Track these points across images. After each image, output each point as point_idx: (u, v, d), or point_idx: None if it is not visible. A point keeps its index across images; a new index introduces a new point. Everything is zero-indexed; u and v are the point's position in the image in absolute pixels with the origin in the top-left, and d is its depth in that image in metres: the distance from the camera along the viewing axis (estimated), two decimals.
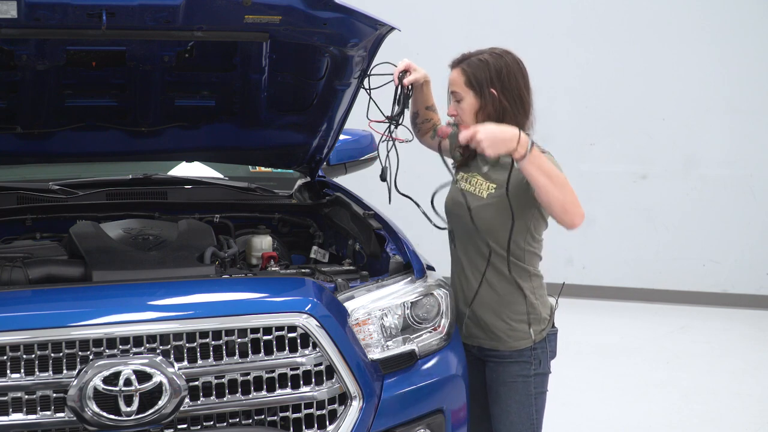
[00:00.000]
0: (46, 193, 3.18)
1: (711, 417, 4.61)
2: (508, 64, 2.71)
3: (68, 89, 2.96)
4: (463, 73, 2.71)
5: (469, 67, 2.70)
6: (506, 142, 2.47)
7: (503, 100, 2.68)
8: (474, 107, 2.70)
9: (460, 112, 2.72)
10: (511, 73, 2.71)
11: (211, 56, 2.98)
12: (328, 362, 2.37)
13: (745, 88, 6.78)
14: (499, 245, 2.69)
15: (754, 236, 6.89)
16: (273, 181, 3.73)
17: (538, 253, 2.78)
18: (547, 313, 2.78)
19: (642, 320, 6.56)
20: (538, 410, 2.78)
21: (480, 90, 2.67)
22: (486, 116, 2.69)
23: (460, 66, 2.72)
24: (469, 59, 2.72)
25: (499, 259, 2.71)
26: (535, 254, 2.76)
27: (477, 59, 2.71)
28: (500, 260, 2.71)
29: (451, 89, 2.74)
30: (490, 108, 2.67)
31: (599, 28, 6.99)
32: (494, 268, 2.72)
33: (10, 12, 2.36)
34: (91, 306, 2.33)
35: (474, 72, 2.69)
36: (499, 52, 2.74)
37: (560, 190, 2.50)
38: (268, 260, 2.92)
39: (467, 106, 2.70)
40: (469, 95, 2.70)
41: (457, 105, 2.73)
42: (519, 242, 2.70)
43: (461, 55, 2.76)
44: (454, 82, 2.73)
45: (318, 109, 3.13)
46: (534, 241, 2.74)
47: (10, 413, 2.14)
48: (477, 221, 2.70)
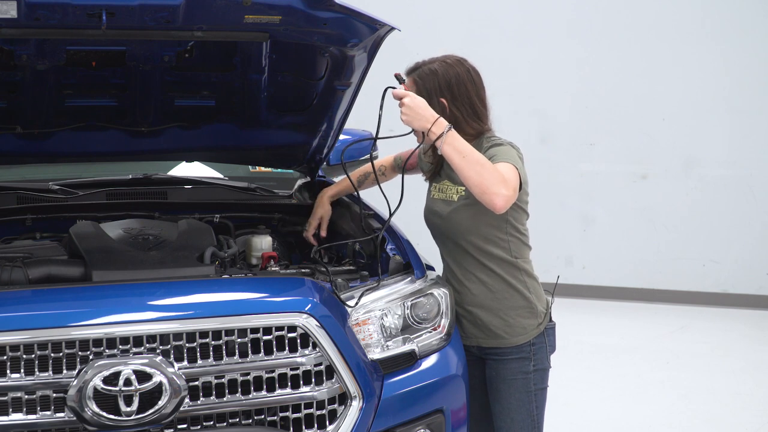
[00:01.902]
0: (46, 193, 3.18)
1: (711, 417, 4.61)
2: (458, 73, 2.74)
3: (68, 89, 2.96)
4: (414, 83, 2.75)
5: (419, 78, 2.74)
6: (422, 120, 2.59)
7: (453, 109, 2.70)
8: None
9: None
10: (461, 82, 2.73)
11: (211, 56, 2.98)
12: (328, 362, 2.37)
13: (745, 88, 6.78)
14: (482, 240, 2.71)
15: (754, 236, 6.89)
16: (273, 181, 3.73)
17: (525, 242, 2.79)
18: (543, 307, 2.79)
19: (642, 320, 6.57)
20: (538, 406, 2.78)
21: (429, 99, 2.69)
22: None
23: (412, 75, 2.77)
24: (420, 68, 2.76)
25: (485, 256, 2.72)
26: (521, 243, 2.77)
27: (428, 68, 2.75)
28: (487, 257, 2.72)
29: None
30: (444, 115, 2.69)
31: (599, 28, 6.99)
32: (483, 266, 2.74)
33: (10, 12, 2.36)
34: (91, 306, 2.33)
35: (423, 82, 2.73)
36: (451, 62, 2.76)
37: (476, 171, 2.53)
38: (268, 260, 2.92)
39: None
40: None
41: None
42: (500, 234, 2.72)
43: (415, 63, 2.80)
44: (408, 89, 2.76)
45: (318, 109, 3.13)
46: (517, 231, 2.75)
47: (10, 413, 2.14)
48: (454, 224, 2.74)
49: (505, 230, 2.72)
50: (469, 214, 2.71)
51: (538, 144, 7.10)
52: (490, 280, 2.74)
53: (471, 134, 2.74)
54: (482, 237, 2.72)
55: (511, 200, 2.55)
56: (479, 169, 2.53)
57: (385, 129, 2.70)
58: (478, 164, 2.53)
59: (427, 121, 2.58)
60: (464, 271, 2.77)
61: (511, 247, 2.74)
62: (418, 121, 2.60)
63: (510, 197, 2.53)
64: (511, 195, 2.54)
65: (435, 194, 2.85)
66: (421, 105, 2.60)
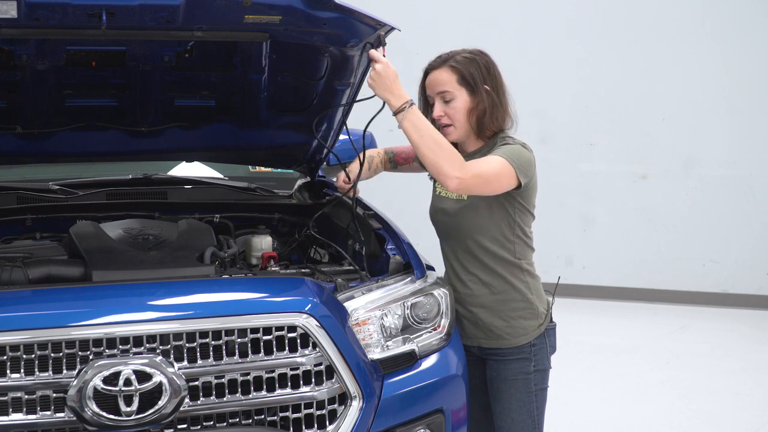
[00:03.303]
0: (46, 193, 3.18)
1: (711, 417, 4.61)
2: (492, 61, 2.75)
3: (68, 89, 2.96)
4: (454, 71, 2.70)
5: (459, 65, 2.70)
6: (386, 90, 2.61)
7: (495, 96, 2.69)
8: (467, 105, 2.70)
9: (451, 112, 2.71)
10: (495, 68, 2.74)
11: (211, 56, 2.98)
12: (328, 362, 2.37)
13: (745, 88, 6.78)
14: (489, 240, 2.70)
15: (754, 236, 6.90)
16: (273, 181, 3.73)
17: (529, 245, 2.79)
18: (544, 308, 2.79)
19: (642, 320, 6.57)
20: (539, 407, 2.78)
21: (475, 87, 2.67)
22: (478, 113, 2.69)
23: (446, 65, 2.72)
24: (454, 57, 2.72)
25: (489, 257, 2.72)
26: (526, 246, 2.77)
27: (464, 57, 2.71)
28: (491, 257, 2.72)
29: (439, 90, 2.72)
30: (482, 105, 2.68)
31: (600, 28, 6.99)
32: (486, 267, 2.73)
33: (10, 12, 2.36)
34: (91, 306, 2.33)
35: (466, 68, 2.69)
36: (480, 51, 2.76)
37: (431, 150, 2.55)
38: (268, 260, 2.92)
39: (460, 105, 2.70)
40: (462, 93, 2.70)
41: (445, 105, 2.72)
42: (508, 235, 2.71)
43: (439, 56, 2.77)
44: (442, 81, 2.71)
45: (318, 109, 3.13)
46: (523, 234, 2.75)
47: (10, 413, 2.14)
48: (464, 223, 2.72)
49: (513, 231, 2.72)
50: (480, 213, 2.70)
51: (538, 144, 7.07)
52: (493, 281, 2.74)
53: (494, 129, 2.73)
54: (490, 237, 2.71)
55: (464, 183, 2.54)
56: (435, 148, 2.55)
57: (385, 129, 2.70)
58: (435, 143, 2.55)
59: (391, 93, 2.60)
60: (466, 272, 2.77)
61: (516, 249, 2.74)
62: (383, 90, 2.62)
63: (464, 179, 2.53)
64: (465, 178, 2.53)
65: (442, 191, 2.83)
66: (391, 76, 2.61)
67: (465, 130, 2.73)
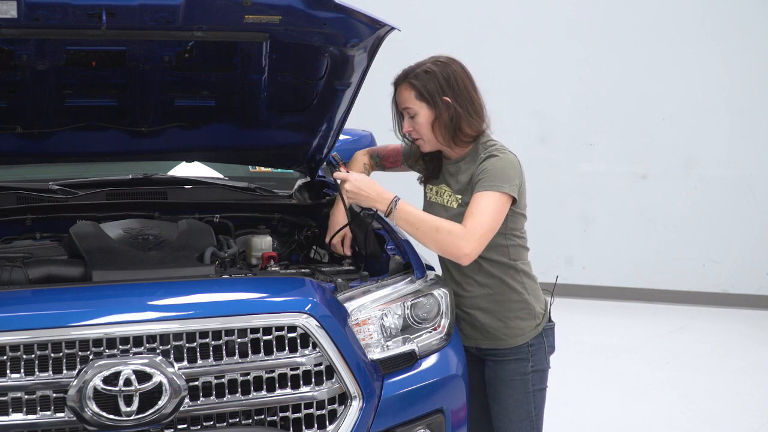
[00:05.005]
0: (46, 193, 3.18)
1: (711, 417, 4.61)
2: (454, 71, 2.73)
3: (68, 89, 2.96)
4: (411, 88, 2.72)
5: (416, 80, 2.71)
6: (368, 199, 2.66)
7: (457, 106, 2.69)
8: (429, 119, 2.72)
9: (417, 127, 2.74)
10: (459, 78, 2.72)
11: (211, 56, 2.98)
12: (328, 362, 2.37)
13: (745, 88, 6.78)
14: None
15: (754, 236, 6.90)
16: (273, 181, 3.73)
17: (524, 245, 2.79)
18: (542, 308, 2.79)
19: (642, 320, 6.57)
20: (537, 407, 2.78)
21: (433, 101, 2.68)
22: (442, 126, 2.70)
23: (406, 81, 2.74)
24: (414, 72, 2.73)
25: (485, 261, 2.73)
26: (520, 246, 2.77)
27: (422, 71, 2.72)
28: (486, 261, 2.73)
29: (402, 106, 2.76)
30: (446, 117, 2.69)
31: (600, 28, 6.99)
32: (482, 270, 2.74)
33: (10, 12, 2.36)
34: (91, 306, 2.33)
35: (423, 84, 2.70)
36: (443, 60, 2.75)
37: (434, 239, 2.61)
38: (268, 260, 2.92)
39: (422, 120, 2.72)
40: (422, 108, 2.71)
41: (411, 121, 2.74)
42: (500, 241, 2.71)
43: (403, 71, 2.77)
44: (404, 98, 2.74)
45: (318, 109, 3.13)
46: (516, 237, 2.75)
47: (10, 413, 2.14)
48: None
49: (504, 236, 2.72)
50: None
51: (538, 144, 7.10)
52: (489, 283, 2.74)
53: (471, 135, 2.73)
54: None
55: (476, 251, 2.59)
56: (435, 235, 2.60)
57: (384, 129, 2.70)
58: (433, 230, 2.60)
59: (373, 200, 2.66)
60: (462, 275, 2.77)
61: (510, 251, 2.74)
62: (364, 201, 2.68)
63: (474, 248, 2.58)
64: (475, 246, 2.58)
65: (432, 197, 2.85)
66: (363, 185, 2.66)
67: (434, 142, 2.76)
